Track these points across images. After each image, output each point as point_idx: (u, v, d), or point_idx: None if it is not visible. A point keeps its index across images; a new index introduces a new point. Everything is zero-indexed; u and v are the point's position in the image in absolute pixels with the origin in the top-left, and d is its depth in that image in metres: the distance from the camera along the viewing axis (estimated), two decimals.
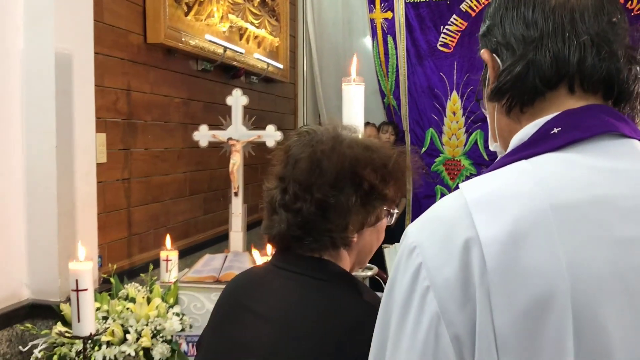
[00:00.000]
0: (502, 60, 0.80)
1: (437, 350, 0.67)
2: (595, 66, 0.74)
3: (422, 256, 0.69)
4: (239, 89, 2.58)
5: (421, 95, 4.95)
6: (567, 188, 0.69)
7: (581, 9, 0.76)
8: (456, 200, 0.72)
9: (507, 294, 0.65)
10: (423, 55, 4.89)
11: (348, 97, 1.91)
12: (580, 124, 0.74)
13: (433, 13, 4.83)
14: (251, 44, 3.99)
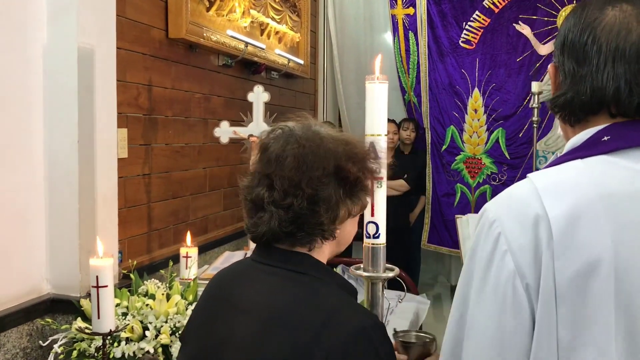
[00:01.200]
0: (560, 78, 1.06)
1: (515, 298, 0.92)
2: (628, 100, 0.97)
3: (501, 227, 0.94)
4: (260, 85, 2.56)
5: (442, 92, 4.90)
6: (612, 183, 0.94)
7: (622, 51, 0.97)
8: (527, 186, 0.96)
9: (566, 259, 0.89)
10: (445, 51, 4.84)
11: (371, 96, 1.87)
12: (626, 135, 0.98)
13: (455, 9, 4.78)
14: (272, 40, 3.97)
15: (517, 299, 0.92)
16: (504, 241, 0.93)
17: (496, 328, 0.94)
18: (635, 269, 0.90)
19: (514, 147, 4.77)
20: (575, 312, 0.90)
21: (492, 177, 4.84)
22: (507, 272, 0.92)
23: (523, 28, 4.66)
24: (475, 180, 4.89)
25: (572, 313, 0.90)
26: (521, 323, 0.92)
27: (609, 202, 0.92)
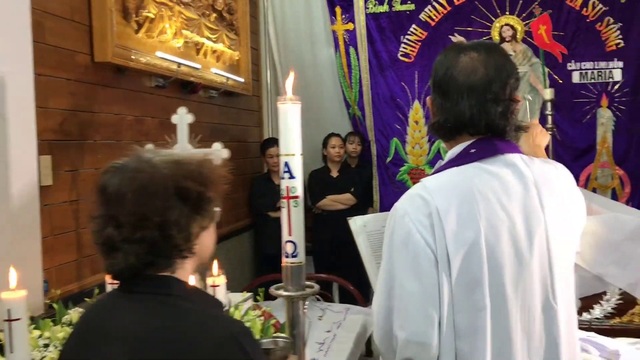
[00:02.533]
0: (435, 109, 1.47)
1: (429, 264, 1.30)
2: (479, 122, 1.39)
3: (409, 217, 1.33)
4: (184, 107, 2.56)
5: (384, 105, 4.96)
6: (480, 182, 1.35)
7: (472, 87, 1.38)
8: (422, 187, 1.37)
9: (453, 236, 1.30)
10: (385, 65, 4.91)
11: (284, 116, 1.88)
12: (486, 148, 1.39)
13: (393, 23, 4.86)
14: (209, 59, 3.97)
15: (430, 265, 1.30)
16: (412, 226, 1.32)
17: (421, 289, 1.30)
18: (498, 245, 1.31)
19: None
20: (462, 276, 1.29)
21: None
22: (420, 246, 1.31)
23: (459, 40, 4.75)
24: None
25: (461, 276, 1.29)
26: (434, 282, 1.30)
27: (480, 196, 1.32)
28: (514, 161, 1.39)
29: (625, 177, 4.63)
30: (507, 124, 1.41)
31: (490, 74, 1.39)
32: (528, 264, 1.33)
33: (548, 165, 1.48)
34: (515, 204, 1.35)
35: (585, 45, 4.59)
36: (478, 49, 1.42)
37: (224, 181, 1.31)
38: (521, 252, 1.33)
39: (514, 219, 1.34)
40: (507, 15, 4.70)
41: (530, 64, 4.71)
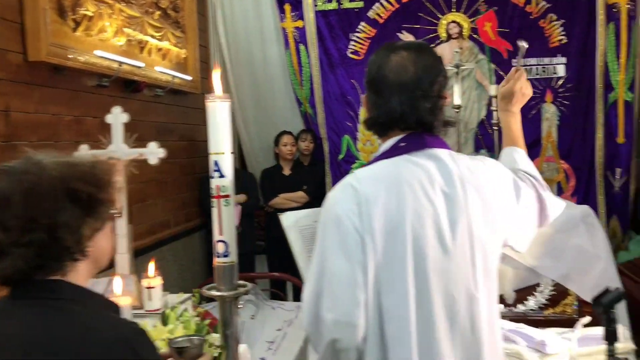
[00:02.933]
0: (369, 106, 1.54)
1: (356, 247, 1.37)
2: (409, 118, 1.47)
3: (340, 205, 1.42)
4: (118, 107, 2.51)
5: (335, 102, 4.97)
6: (409, 173, 1.43)
7: (402, 85, 1.45)
8: (354, 177, 1.46)
9: (381, 222, 1.38)
10: (334, 63, 4.91)
11: (213, 115, 1.86)
12: (416, 142, 1.47)
13: (342, 21, 4.87)
14: (154, 57, 3.91)
15: (358, 249, 1.37)
16: (343, 213, 1.40)
17: (349, 272, 1.37)
18: (422, 233, 1.39)
19: None
20: (388, 260, 1.37)
21: None
22: (349, 231, 1.38)
23: (407, 37, 4.80)
24: None
25: (386, 261, 1.37)
26: (362, 265, 1.36)
27: (407, 187, 1.40)
28: (440, 155, 1.48)
29: (570, 170, 4.74)
30: (435, 119, 1.49)
31: (419, 73, 1.47)
32: (450, 253, 1.41)
33: (474, 161, 1.55)
34: (440, 195, 1.43)
35: (530, 41, 4.62)
36: (408, 48, 1.51)
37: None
38: (444, 241, 1.41)
39: (438, 209, 1.41)
40: (453, 13, 4.76)
41: (476, 60, 4.78)
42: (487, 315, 1.44)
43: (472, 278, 1.42)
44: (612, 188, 4.71)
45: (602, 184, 4.67)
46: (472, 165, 1.51)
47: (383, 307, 1.37)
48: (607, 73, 4.62)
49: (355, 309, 1.36)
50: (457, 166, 1.47)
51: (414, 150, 1.46)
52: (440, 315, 1.38)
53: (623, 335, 2.03)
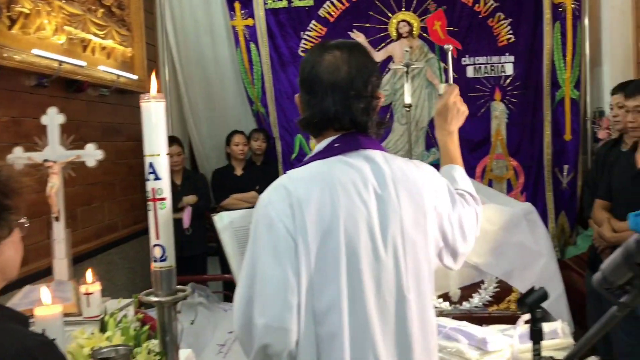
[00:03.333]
0: (302, 106, 1.52)
1: (289, 252, 1.35)
2: (343, 118, 1.45)
3: (272, 206, 1.39)
4: (54, 107, 2.43)
5: (287, 101, 4.93)
6: (342, 174, 1.41)
7: (335, 84, 1.43)
8: (287, 178, 1.44)
9: (314, 224, 1.35)
10: (285, 61, 4.88)
11: (148, 115, 1.81)
12: (349, 142, 1.46)
13: (293, 19, 4.83)
14: (98, 55, 3.81)
15: (291, 252, 1.34)
16: (275, 215, 1.37)
17: (281, 276, 1.33)
18: (355, 234, 1.37)
19: None
20: (320, 261, 1.35)
21: None
22: (282, 234, 1.35)
23: (358, 36, 4.80)
24: None
25: (320, 263, 1.35)
26: (295, 269, 1.34)
27: (340, 187, 1.39)
28: (374, 157, 1.47)
29: (519, 167, 4.81)
30: (369, 119, 1.48)
31: (352, 72, 1.45)
32: (382, 255, 1.40)
33: (408, 164, 1.53)
34: (373, 197, 1.42)
35: (479, 40, 4.73)
36: (341, 48, 1.49)
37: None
38: (377, 242, 1.40)
39: (371, 211, 1.40)
40: (403, 12, 4.78)
41: (426, 59, 4.81)
42: (418, 316, 1.44)
43: (404, 279, 1.42)
44: (560, 184, 4.80)
45: (550, 181, 4.76)
46: (405, 168, 1.50)
47: (316, 310, 1.35)
48: (554, 71, 4.71)
49: (287, 313, 1.33)
50: (390, 168, 1.46)
51: (347, 151, 1.45)
52: (373, 317, 1.38)
53: (562, 331, 2.06)
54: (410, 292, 1.42)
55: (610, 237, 2.90)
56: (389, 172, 1.45)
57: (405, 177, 1.48)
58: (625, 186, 2.91)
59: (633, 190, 2.86)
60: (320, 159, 1.45)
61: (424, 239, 1.48)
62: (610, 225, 2.92)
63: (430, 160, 4.86)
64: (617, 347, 3.01)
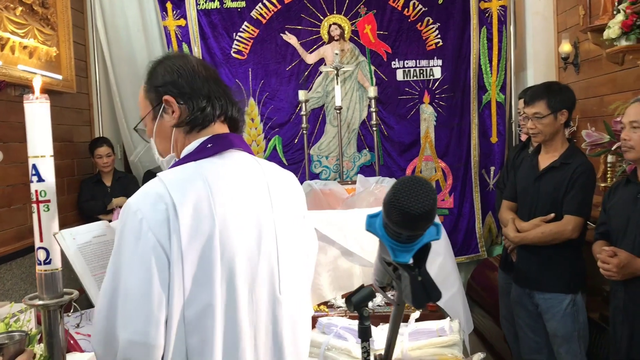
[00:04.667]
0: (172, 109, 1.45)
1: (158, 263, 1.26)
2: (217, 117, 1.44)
3: (142, 214, 1.28)
4: None
5: None
6: (216, 176, 1.35)
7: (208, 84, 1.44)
8: (158, 182, 1.33)
9: (188, 230, 1.27)
10: (218, 62, 4.87)
11: (31, 116, 1.79)
12: (222, 143, 1.42)
13: (225, 20, 4.83)
14: (19, 55, 3.73)
15: (160, 262, 1.26)
16: (145, 223, 1.27)
17: (147, 288, 1.25)
18: (231, 239, 1.32)
19: (290, 154, 4.92)
20: (196, 271, 1.28)
21: None
22: (151, 244, 1.26)
23: (290, 38, 4.83)
24: None
25: (194, 272, 1.28)
26: (164, 280, 1.26)
27: (216, 191, 1.33)
28: (247, 158, 1.46)
29: (447, 169, 4.92)
30: (242, 118, 1.50)
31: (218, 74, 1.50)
32: (257, 257, 1.38)
33: (275, 166, 1.55)
34: (248, 199, 1.39)
35: (408, 44, 4.82)
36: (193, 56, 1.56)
37: None
38: (252, 245, 1.37)
39: (247, 213, 1.37)
40: (334, 15, 4.82)
41: (357, 62, 4.87)
42: (291, 318, 1.44)
43: (278, 282, 1.41)
44: (487, 185, 4.93)
45: (477, 182, 4.87)
46: (276, 170, 1.51)
47: (188, 318, 1.29)
48: (481, 75, 4.83)
49: (152, 328, 1.26)
50: (263, 170, 1.46)
51: (221, 151, 1.41)
52: (244, 322, 1.35)
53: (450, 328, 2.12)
54: (285, 295, 1.42)
55: (514, 237, 3.00)
56: (263, 174, 1.44)
57: (277, 180, 1.48)
58: (528, 187, 3.01)
59: (535, 191, 2.97)
60: (192, 161, 1.40)
61: (298, 241, 1.49)
62: (514, 225, 3.02)
63: (361, 161, 4.93)
64: (524, 345, 3.12)
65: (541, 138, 2.96)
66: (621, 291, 2.38)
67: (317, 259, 2.71)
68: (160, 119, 1.47)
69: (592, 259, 2.53)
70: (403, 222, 0.88)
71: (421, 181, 0.87)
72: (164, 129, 1.48)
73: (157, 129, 1.50)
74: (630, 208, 2.36)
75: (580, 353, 2.89)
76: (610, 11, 3.43)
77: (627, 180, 2.46)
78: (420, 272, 0.94)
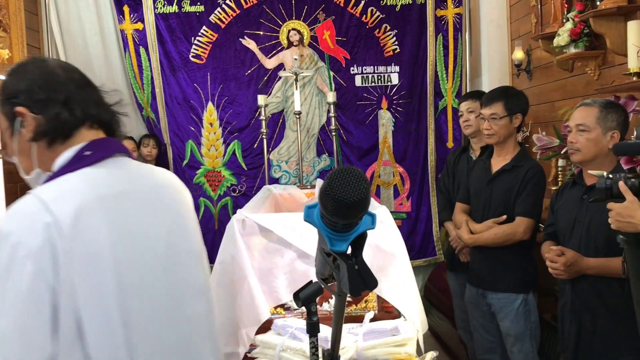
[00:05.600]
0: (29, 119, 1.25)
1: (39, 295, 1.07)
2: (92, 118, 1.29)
3: (17, 237, 1.09)
4: None
5: (177, 107, 4.89)
6: (102, 187, 1.20)
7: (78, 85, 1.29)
8: (33, 199, 1.14)
9: (75, 252, 1.11)
10: (176, 66, 4.84)
11: None
12: (102, 148, 1.26)
13: (183, 24, 4.81)
14: None
15: (41, 296, 1.08)
16: (22, 248, 1.08)
17: (22, 331, 1.07)
18: (128, 256, 1.19)
19: (250, 158, 4.92)
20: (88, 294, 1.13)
21: (232, 188, 4.94)
22: (29, 275, 1.08)
23: (249, 43, 4.83)
24: (217, 193, 4.95)
25: (87, 297, 1.12)
26: (44, 317, 1.08)
27: (103, 202, 1.18)
28: (132, 163, 1.35)
29: (405, 174, 4.98)
30: (114, 121, 1.36)
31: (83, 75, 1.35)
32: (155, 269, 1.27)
33: (161, 169, 1.47)
34: (141, 207, 1.28)
35: (366, 50, 4.88)
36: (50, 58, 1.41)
37: None
38: (151, 259, 1.26)
39: (142, 223, 1.26)
40: (293, 20, 4.85)
41: (316, 67, 4.90)
42: (205, 333, 1.38)
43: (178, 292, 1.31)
44: None
45: (434, 186, 4.95)
46: (168, 176, 1.45)
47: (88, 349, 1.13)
48: (437, 81, 4.92)
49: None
50: (150, 175, 1.37)
51: (102, 157, 1.26)
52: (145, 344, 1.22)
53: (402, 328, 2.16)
54: (191, 306, 1.34)
55: (468, 239, 3.06)
56: (151, 179, 1.35)
57: (169, 184, 1.41)
58: (481, 190, 3.08)
59: (487, 194, 3.04)
60: (71, 172, 1.23)
61: (199, 248, 1.43)
62: (468, 227, 3.08)
63: (321, 166, 4.96)
64: (478, 344, 3.18)
65: (495, 139, 3.03)
66: (568, 290, 2.45)
67: (274, 261, 2.74)
68: (18, 134, 1.27)
69: (543, 259, 2.60)
70: (338, 211, 0.90)
71: (354, 171, 0.90)
72: (24, 145, 1.28)
73: (18, 146, 1.30)
74: (577, 209, 2.43)
75: (532, 352, 2.96)
76: (560, 19, 3.54)
77: (573, 182, 2.54)
78: (357, 261, 0.96)
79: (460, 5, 4.85)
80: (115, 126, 1.36)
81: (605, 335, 2.32)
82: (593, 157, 2.37)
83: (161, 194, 1.36)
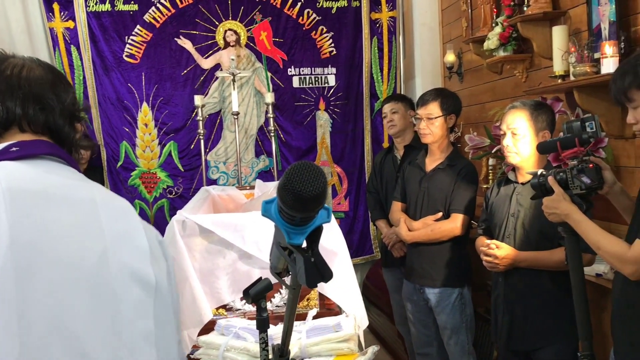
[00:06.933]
0: None
1: None
2: (36, 116, 1.18)
3: None
4: None
5: (111, 107, 4.78)
6: (16, 180, 1.05)
7: (16, 86, 1.17)
8: None
9: None
10: (109, 66, 4.73)
11: None
12: (29, 148, 1.16)
13: (116, 23, 4.71)
14: None
15: None
16: None
17: None
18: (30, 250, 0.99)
19: (187, 159, 4.86)
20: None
21: (169, 190, 4.87)
22: None
23: (185, 42, 4.78)
24: (153, 195, 4.87)
25: None
26: None
27: (12, 196, 1.01)
28: (69, 171, 1.16)
29: (343, 174, 5.05)
30: (56, 122, 1.21)
31: (51, 74, 1.26)
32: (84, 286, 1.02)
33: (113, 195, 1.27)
34: (64, 216, 1.06)
35: (303, 51, 4.92)
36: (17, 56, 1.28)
37: None
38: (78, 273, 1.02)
39: (69, 232, 1.05)
40: (230, 21, 4.83)
41: (253, 68, 4.90)
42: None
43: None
44: None
45: None
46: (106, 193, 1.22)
47: None
48: (373, 83, 5.02)
49: None
50: (87, 188, 1.15)
51: (29, 155, 1.13)
52: None
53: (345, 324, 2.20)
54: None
55: (406, 236, 3.15)
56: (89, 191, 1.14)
57: (105, 199, 1.18)
58: (416, 188, 3.18)
59: (423, 192, 3.14)
60: None
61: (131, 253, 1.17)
62: (405, 225, 3.17)
63: (259, 167, 4.97)
64: (416, 339, 3.28)
65: (430, 139, 3.12)
66: (501, 282, 2.56)
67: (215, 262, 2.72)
68: None
69: (476, 255, 2.70)
70: (296, 205, 0.92)
71: (312, 166, 0.93)
72: None
73: None
74: (509, 205, 2.55)
75: (467, 343, 3.07)
76: (490, 24, 3.69)
77: (506, 179, 2.66)
78: (313, 253, 0.99)
79: (394, 9, 4.96)
80: (64, 135, 1.21)
81: (536, 324, 2.44)
82: (528, 158, 2.49)
83: (95, 208, 1.11)
